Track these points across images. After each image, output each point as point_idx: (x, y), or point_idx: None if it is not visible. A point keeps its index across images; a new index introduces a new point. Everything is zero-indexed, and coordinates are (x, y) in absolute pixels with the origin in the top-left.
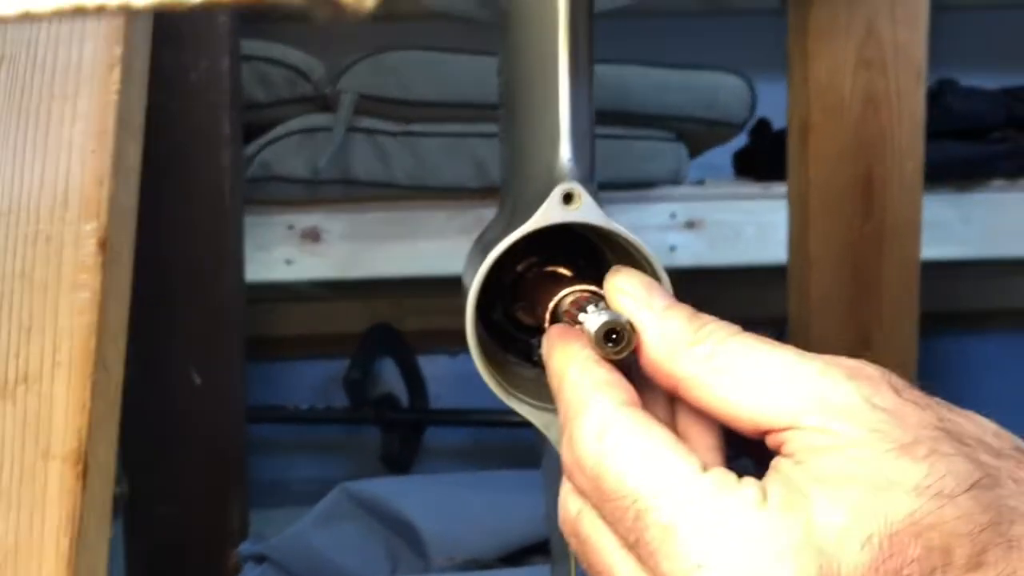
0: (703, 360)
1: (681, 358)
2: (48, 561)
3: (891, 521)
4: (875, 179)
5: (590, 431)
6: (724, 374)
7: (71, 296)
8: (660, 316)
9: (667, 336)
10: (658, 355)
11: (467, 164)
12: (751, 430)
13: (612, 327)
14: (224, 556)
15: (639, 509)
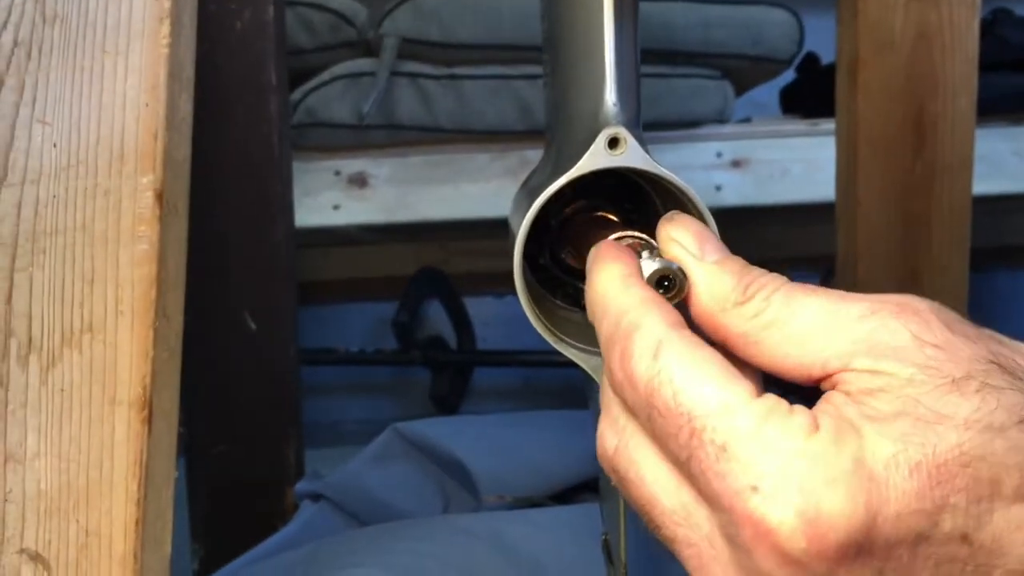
0: (751, 318)
1: (730, 315)
2: (118, 502)
3: (939, 451)
4: (926, 116)
5: (646, 347)
6: (772, 328)
7: (131, 248)
8: (711, 270)
9: (717, 291)
10: (707, 309)
11: (511, 106)
12: (804, 380)
13: (664, 274)
14: (282, 495)
15: (694, 427)
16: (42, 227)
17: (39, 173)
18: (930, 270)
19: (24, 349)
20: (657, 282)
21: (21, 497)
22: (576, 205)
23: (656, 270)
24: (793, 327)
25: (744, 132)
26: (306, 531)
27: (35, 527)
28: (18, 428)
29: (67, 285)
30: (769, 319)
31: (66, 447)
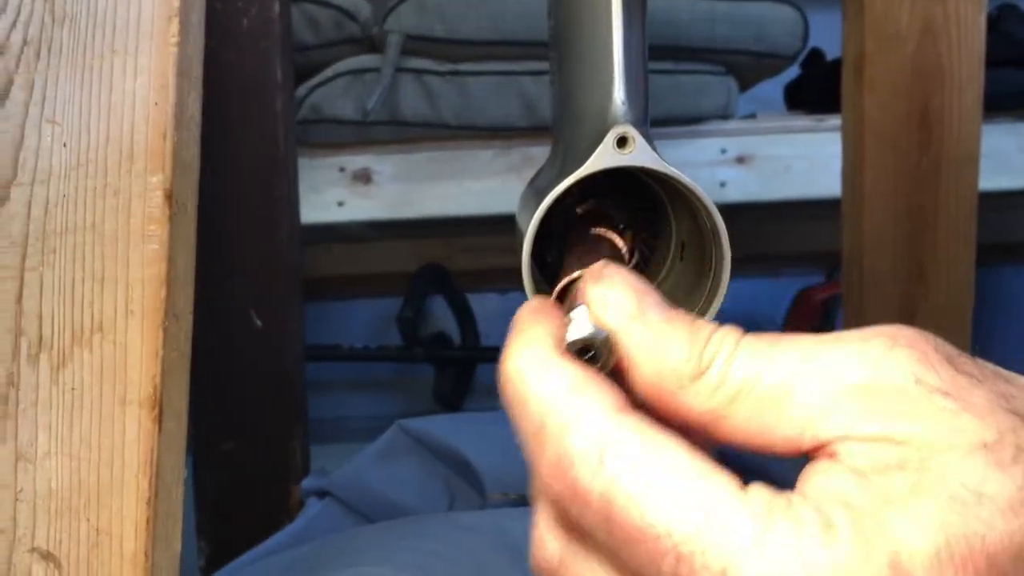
0: (714, 391)
1: (688, 394)
2: (129, 501)
3: (988, 542)
4: (932, 111)
5: (587, 451)
6: (741, 397)
7: (141, 247)
8: (655, 337)
9: (666, 363)
10: (657, 388)
11: (515, 102)
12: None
13: (587, 344)
14: (287, 491)
15: (680, 553)
16: (52, 226)
17: (49, 173)
18: (936, 266)
19: (35, 348)
20: (579, 352)
21: (32, 496)
22: (584, 204)
23: (575, 340)
24: (767, 390)
25: (748, 128)
26: (311, 528)
27: (46, 526)
28: (29, 427)
29: (77, 284)
30: (736, 387)
31: (77, 446)
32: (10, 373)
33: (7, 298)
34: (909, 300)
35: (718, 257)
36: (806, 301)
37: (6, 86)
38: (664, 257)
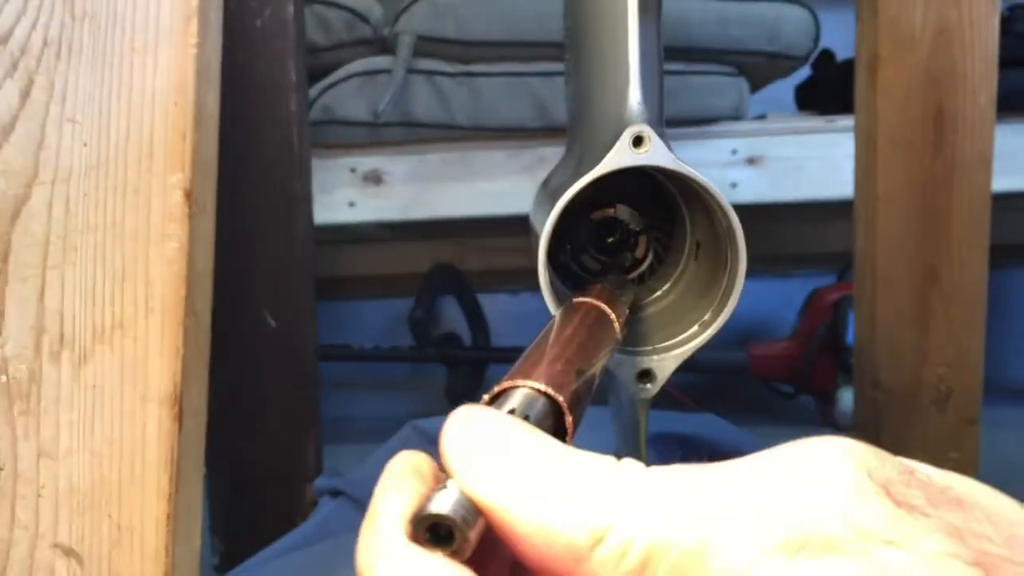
0: (620, 560)
1: (589, 565)
2: (150, 498)
3: None
4: (946, 113)
5: None
6: (656, 566)
7: (160, 245)
8: (539, 499)
9: (559, 533)
10: (553, 563)
11: (526, 103)
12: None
13: (436, 521)
14: (301, 490)
15: None
16: (73, 225)
17: (69, 172)
18: (949, 267)
19: (56, 346)
20: (429, 530)
21: (54, 492)
22: (598, 205)
23: (423, 517)
24: (682, 555)
25: (760, 129)
26: (325, 527)
27: (68, 522)
28: (51, 424)
29: (98, 282)
30: (644, 553)
31: (98, 443)
32: (32, 370)
33: (30, 296)
34: (922, 302)
35: (734, 256)
36: (818, 301)
37: (27, 86)
38: (679, 257)
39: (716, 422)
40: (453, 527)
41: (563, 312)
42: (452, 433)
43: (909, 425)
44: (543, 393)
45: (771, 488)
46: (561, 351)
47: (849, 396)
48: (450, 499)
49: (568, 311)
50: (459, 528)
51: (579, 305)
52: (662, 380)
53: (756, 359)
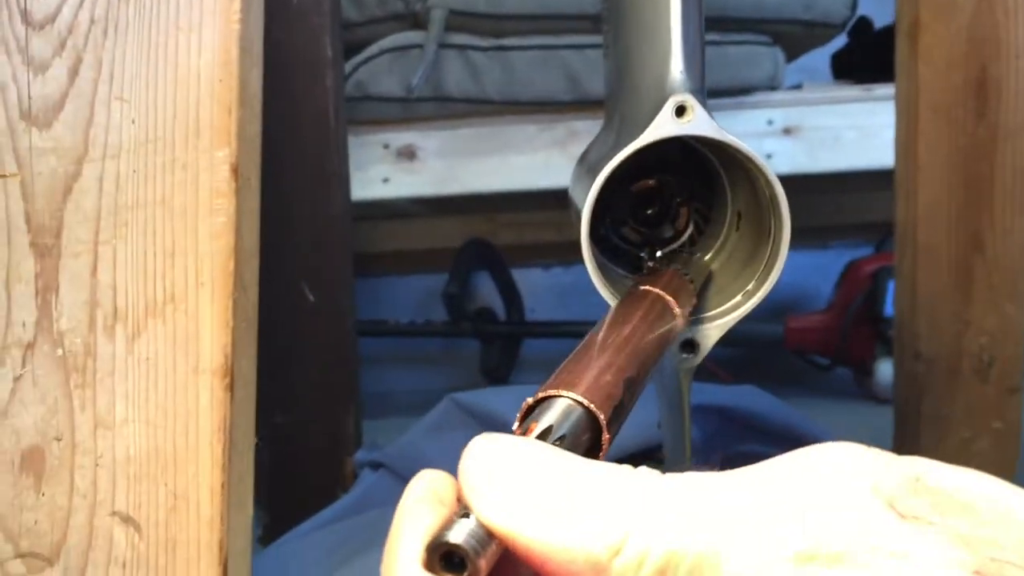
0: (638, 569)
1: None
2: (204, 467)
3: None
4: (989, 80)
5: None
6: (672, 574)
7: (209, 220)
8: (557, 520)
9: (577, 550)
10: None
11: (558, 76)
12: None
13: (449, 549)
14: (341, 463)
15: None
16: (123, 201)
17: (119, 148)
18: (992, 235)
19: (110, 320)
20: (445, 557)
21: (111, 462)
22: (637, 176)
23: (436, 545)
24: (695, 561)
25: (796, 99)
26: (366, 498)
27: (125, 491)
28: (106, 395)
29: (149, 257)
30: (661, 562)
31: (153, 413)
32: (87, 344)
33: (82, 271)
34: (964, 271)
35: (777, 226)
36: (855, 272)
37: (75, 64)
38: (719, 227)
39: (756, 393)
40: (464, 556)
41: (626, 302)
42: (466, 465)
43: (950, 395)
44: (583, 406)
45: (782, 498)
46: (614, 357)
47: (887, 367)
48: (464, 528)
49: (632, 301)
50: (470, 557)
51: (644, 295)
52: (705, 350)
53: (792, 331)
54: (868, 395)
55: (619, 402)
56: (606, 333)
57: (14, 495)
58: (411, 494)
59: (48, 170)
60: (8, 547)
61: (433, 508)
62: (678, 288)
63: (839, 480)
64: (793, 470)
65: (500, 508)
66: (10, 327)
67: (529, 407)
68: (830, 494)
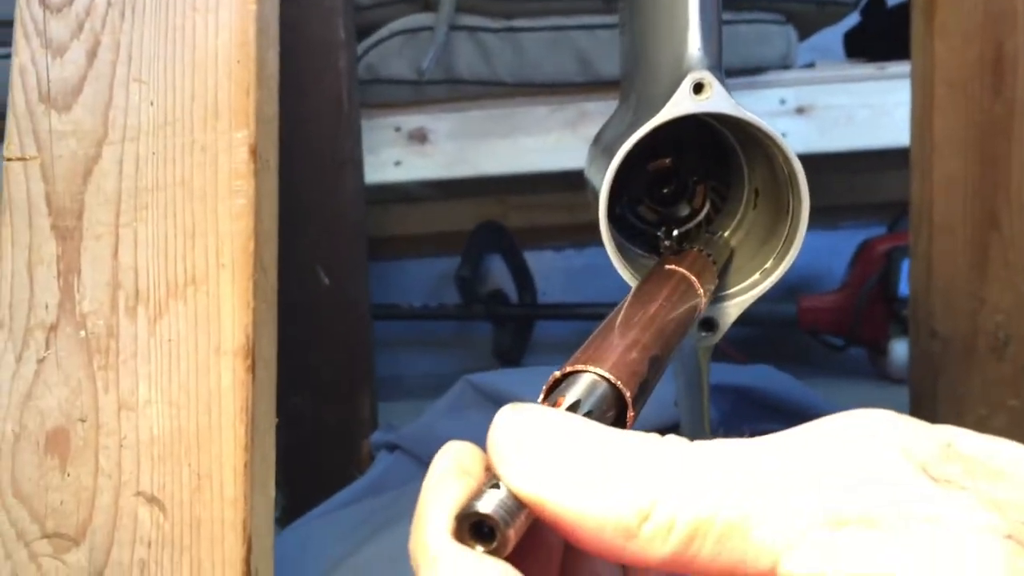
0: (668, 534)
1: (639, 542)
2: (227, 447)
3: None
4: (1006, 55)
5: None
6: (702, 538)
7: (229, 202)
8: (585, 487)
9: (607, 516)
10: (607, 545)
11: (569, 57)
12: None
13: (478, 519)
14: (357, 445)
15: None
16: (143, 183)
17: (138, 130)
18: (1009, 212)
19: (132, 301)
20: (471, 529)
21: (135, 443)
22: (653, 155)
23: (466, 515)
24: (725, 526)
25: (808, 78)
26: (383, 480)
27: (150, 471)
28: (129, 377)
29: (170, 239)
30: (691, 526)
31: (176, 394)
32: (110, 325)
33: (104, 253)
34: (980, 249)
35: (796, 203)
36: (869, 252)
37: (93, 47)
38: (736, 206)
39: (772, 373)
40: (494, 526)
41: (651, 280)
42: (495, 433)
43: (966, 374)
44: (610, 382)
45: (811, 464)
46: (640, 334)
47: (901, 347)
48: (494, 498)
49: (657, 279)
50: (499, 527)
51: (670, 274)
52: (724, 328)
53: (805, 311)
54: (882, 375)
55: (644, 379)
56: (631, 311)
57: (39, 476)
58: (438, 465)
59: (68, 152)
60: (34, 527)
61: (461, 479)
62: (702, 268)
63: (870, 445)
64: (823, 435)
65: (529, 476)
66: (33, 309)
67: (555, 381)
68: (861, 459)
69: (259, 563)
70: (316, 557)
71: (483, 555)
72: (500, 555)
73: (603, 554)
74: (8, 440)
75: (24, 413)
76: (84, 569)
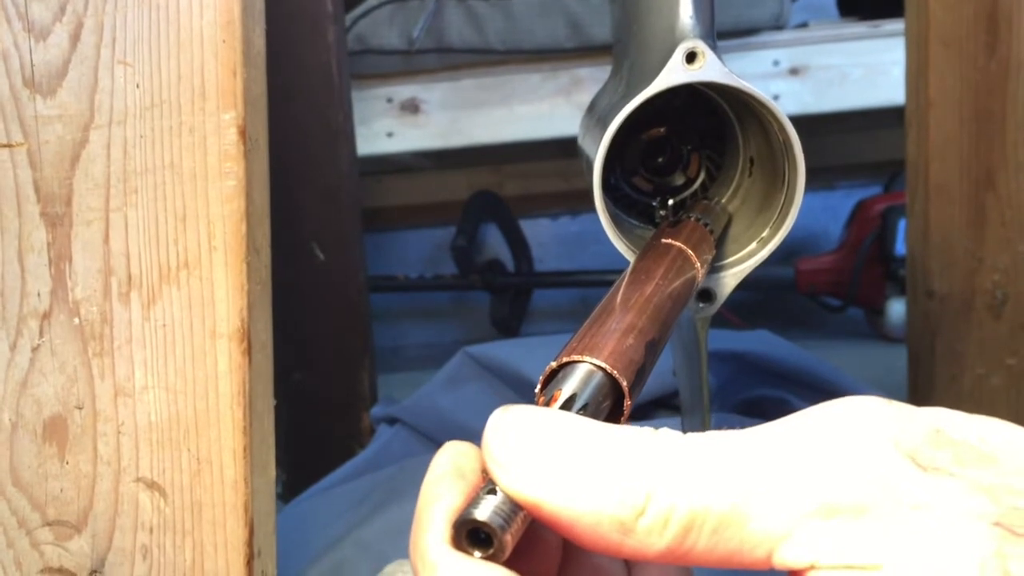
0: (663, 527)
1: (636, 536)
2: (226, 431)
3: None
4: (1000, 11)
5: None
6: (698, 531)
7: (219, 184)
8: (579, 487)
9: (602, 513)
10: (603, 540)
11: (561, 23)
12: (766, 568)
13: (475, 526)
14: (358, 419)
15: None
16: (132, 167)
17: (125, 114)
18: (1005, 172)
19: (124, 287)
20: (468, 536)
21: (133, 429)
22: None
23: (463, 522)
24: (720, 519)
25: (801, 38)
26: (385, 453)
27: (149, 457)
28: (125, 363)
29: (160, 223)
30: (686, 519)
31: (172, 379)
32: (103, 312)
33: (95, 239)
34: (977, 208)
35: (792, 170)
36: (865, 212)
37: (76, 30)
38: (731, 174)
39: (770, 338)
40: (491, 532)
41: (648, 256)
42: (488, 437)
43: (964, 333)
44: (606, 372)
45: (803, 455)
46: (636, 318)
47: (899, 307)
48: (490, 504)
49: (653, 255)
50: (496, 533)
51: (666, 249)
52: (722, 298)
53: (803, 273)
54: (880, 335)
55: (641, 366)
56: (628, 292)
57: (38, 464)
58: (436, 469)
59: (55, 138)
60: (35, 516)
61: (458, 483)
62: (699, 239)
63: (860, 435)
64: (814, 426)
65: (524, 479)
66: (25, 297)
67: (552, 371)
68: (852, 449)
69: (261, 544)
70: (318, 533)
71: (480, 561)
72: (498, 560)
73: (602, 550)
74: (6, 429)
75: (21, 402)
76: (87, 556)
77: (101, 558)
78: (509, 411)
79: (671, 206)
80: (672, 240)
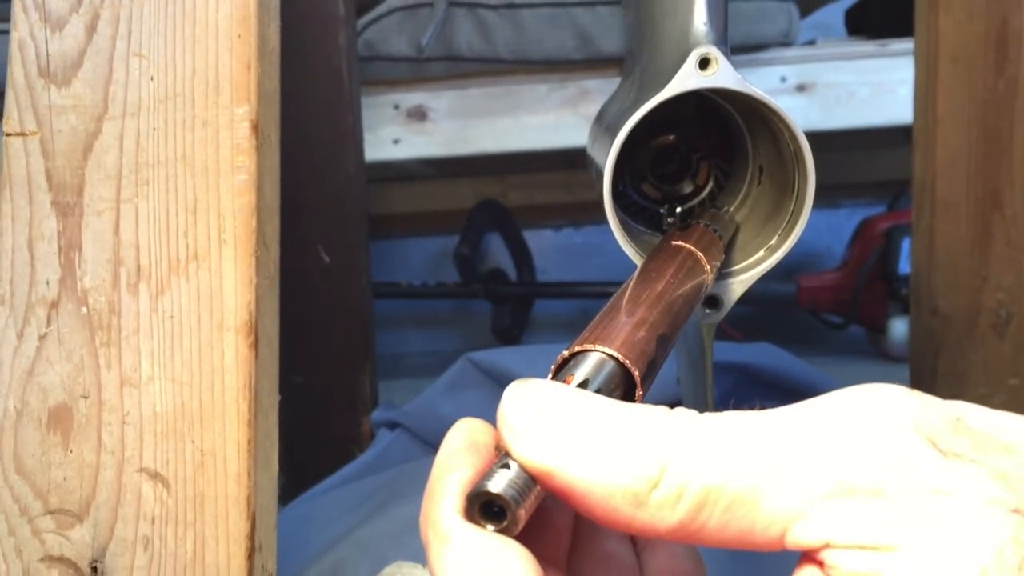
0: (676, 502)
1: (648, 510)
2: (231, 424)
3: None
4: (1010, 30)
5: None
6: (711, 508)
7: (230, 178)
8: (594, 457)
9: (615, 485)
10: (615, 513)
11: (569, 34)
12: (778, 549)
13: (488, 498)
14: (358, 423)
15: None
16: (144, 159)
17: (138, 106)
18: (1011, 189)
19: (133, 278)
20: (481, 509)
21: (138, 419)
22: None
23: (476, 495)
24: (735, 497)
25: (809, 55)
26: (384, 457)
27: (153, 447)
28: (132, 353)
29: (171, 215)
30: (699, 496)
31: (179, 371)
32: (111, 302)
33: (105, 229)
34: (983, 226)
35: (802, 180)
36: (869, 230)
37: (92, 21)
38: (740, 183)
39: (773, 351)
40: (505, 505)
41: (658, 257)
42: (505, 406)
43: (967, 352)
44: (618, 361)
45: (821, 436)
46: (648, 313)
47: (901, 326)
48: (504, 477)
49: (664, 256)
50: (510, 506)
51: (676, 251)
52: (728, 306)
53: (805, 290)
54: (881, 353)
55: (652, 358)
56: (639, 288)
57: (42, 452)
58: (450, 442)
59: (68, 128)
60: (37, 504)
61: (470, 457)
62: (708, 244)
63: (881, 417)
64: (834, 408)
65: (539, 448)
66: (34, 285)
67: (564, 360)
68: (871, 431)
69: (263, 539)
70: (318, 534)
71: (493, 534)
72: (510, 534)
73: (613, 523)
74: (10, 416)
75: (26, 389)
76: (88, 545)
77: (102, 548)
78: (526, 383)
79: (679, 214)
80: (682, 243)
